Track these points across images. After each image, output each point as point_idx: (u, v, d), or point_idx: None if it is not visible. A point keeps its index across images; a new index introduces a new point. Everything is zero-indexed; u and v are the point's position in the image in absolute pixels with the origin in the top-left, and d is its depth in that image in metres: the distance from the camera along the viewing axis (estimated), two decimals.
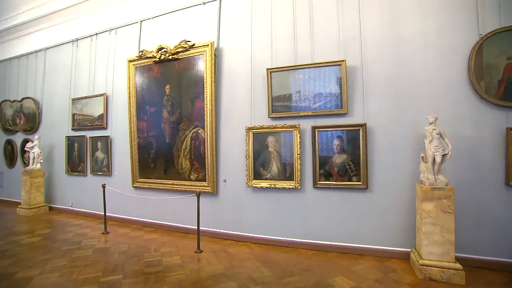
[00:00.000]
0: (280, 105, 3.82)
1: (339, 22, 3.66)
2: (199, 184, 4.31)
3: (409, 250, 3.26)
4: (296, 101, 3.72)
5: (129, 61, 4.87)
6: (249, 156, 3.96)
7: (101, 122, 5.37)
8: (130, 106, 4.88)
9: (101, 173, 5.38)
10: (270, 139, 3.86)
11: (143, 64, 4.76)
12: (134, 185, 4.92)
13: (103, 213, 4.59)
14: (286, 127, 3.75)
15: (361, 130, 3.43)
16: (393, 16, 3.48)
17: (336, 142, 3.56)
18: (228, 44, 4.30)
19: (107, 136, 5.27)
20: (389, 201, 3.42)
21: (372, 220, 3.48)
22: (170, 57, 4.46)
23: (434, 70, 3.30)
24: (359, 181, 3.46)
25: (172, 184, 4.54)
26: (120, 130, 5.15)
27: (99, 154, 5.39)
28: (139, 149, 4.85)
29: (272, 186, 3.84)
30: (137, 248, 3.81)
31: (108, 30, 5.42)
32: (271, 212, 3.93)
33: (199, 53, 4.29)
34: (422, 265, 2.85)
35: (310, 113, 3.65)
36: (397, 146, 3.39)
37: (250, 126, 3.97)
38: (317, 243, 3.67)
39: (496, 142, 3.08)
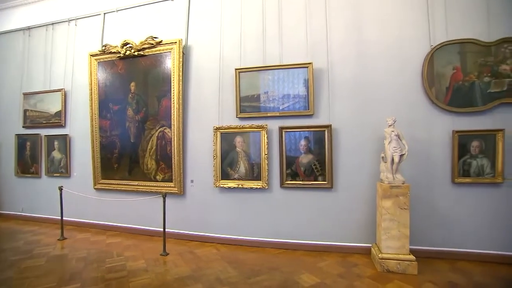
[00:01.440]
0: (248, 105, 3.80)
1: (307, 26, 3.73)
2: (165, 185, 4.15)
3: (370, 245, 3.41)
4: (264, 102, 3.73)
5: (91, 55, 4.55)
6: (216, 156, 3.89)
7: (58, 119, 4.94)
8: (92, 103, 4.55)
9: (58, 175, 4.95)
10: (238, 139, 3.82)
11: (106, 59, 4.47)
12: (96, 187, 4.60)
13: (60, 217, 4.23)
14: (254, 128, 3.74)
15: (326, 131, 3.53)
16: (358, 23, 3.62)
17: (302, 142, 3.62)
18: (197, 42, 4.19)
19: (66, 135, 4.87)
20: (352, 200, 3.55)
21: (337, 218, 3.59)
22: (136, 53, 4.24)
23: (393, 75, 3.50)
24: (324, 180, 3.56)
25: (137, 185, 4.32)
26: (81, 129, 4.78)
27: (56, 154, 4.96)
28: (102, 148, 4.55)
29: (240, 186, 3.81)
30: (98, 253, 3.57)
31: (66, 21, 4.99)
32: (238, 212, 3.90)
33: (166, 50, 4.13)
34: (381, 258, 3.00)
35: (278, 114, 3.68)
36: (359, 147, 3.54)
37: (218, 126, 3.90)
38: (284, 242, 3.71)
39: (444, 144, 3.34)
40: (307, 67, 3.56)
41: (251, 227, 3.84)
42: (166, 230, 3.65)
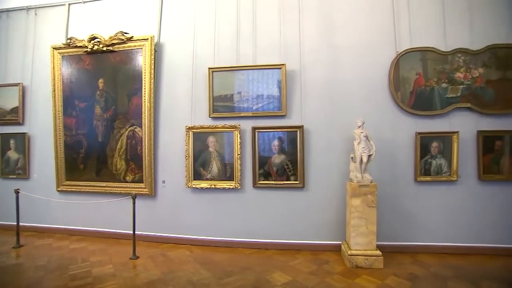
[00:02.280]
0: (221, 105, 3.77)
1: (281, 28, 3.78)
2: (135, 186, 4.00)
3: (341, 242, 3.53)
4: (238, 102, 3.72)
5: (54, 48, 4.25)
6: (189, 156, 3.82)
7: (15, 116, 4.54)
8: (55, 100, 4.25)
9: (14, 176, 4.55)
10: (211, 139, 3.78)
11: (71, 54, 4.20)
12: (59, 189, 4.31)
13: (15, 223, 3.90)
14: (227, 128, 3.73)
15: (298, 131, 3.60)
16: (329, 27, 3.73)
17: (275, 143, 3.67)
18: (170, 40, 4.08)
19: (24, 133, 4.49)
20: (323, 199, 3.65)
21: (308, 217, 3.67)
22: (105, 48, 4.03)
23: (363, 78, 3.65)
24: (296, 180, 3.63)
25: (106, 186, 4.11)
26: (42, 127, 4.45)
27: (12, 154, 4.55)
28: (66, 148, 4.27)
29: (213, 186, 3.77)
30: (60, 260, 3.35)
31: (25, 9, 4.59)
32: (211, 213, 3.86)
33: (137, 47, 3.98)
34: (350, 255, 3.12)
35: (251, 114, 3.69)
36: (330, 147, 3.65)
37: (190, 126, 3.83)
38: (257, 241, 3.73)
39: (408, 145, 3.55)
40: (280, 68, 3.61)
41: (224, 228, 3.82)
42: (136, 232, 3.53)
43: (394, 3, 3.66)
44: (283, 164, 3.65)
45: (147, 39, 3.92)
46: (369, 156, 3.15)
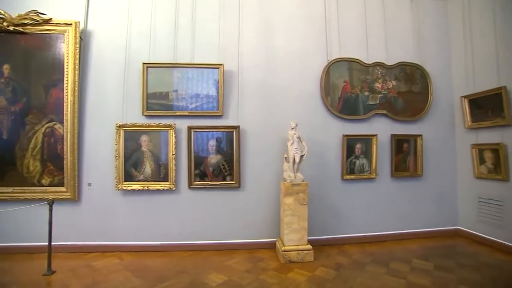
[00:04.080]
0: (155, 102, 3.60)
1: (220, 28, 3.80)
2: (54, 190, 3.54)
3: (275, 240, 3.70)
4: (173, 100, 3.61)
5: None
6: (119, 156, 3.56)
7: None
8: None
9: None
10: (144, 138, 3.59)
11: None
12: None
13: None
14: (161, 126, 3.59)
15: (235, 132, 3.66)
16: (268, 31, 3.89)
17: (211, 143, 3.67)
18: (99, 28, 3.73)
19: None
20: (259, 198, 3.78)
21: (244, 216, 3.76)
22: (12, 28, 3.45)
23: (297, 82, 3.90)
24: (232, 180, 3.68)
25: (13, 192, 3.52)
26: None
27: None
28: None
29: (145, 188, 3.58)
30: None
31: None
32: (144, 216, 3.65)
33: (58, 32, 3.53)
34: (284, 251, 3.28)
35: (187, 113, 3.62)
36: (266, 148, 3.80)
37: (121, 124, 3.57)
38: (193, 243, 3.67)
39: (336, 146, 3.92)
40: (218, 68, 3.62)
41: (158, 231, 3.66)
42: (54, 243, 3.09)
43: (327, 15, 4.01)
44: (219, 164, 3.68)
45: (71, 24, 3.52)
46: (302, 156, 3.38)
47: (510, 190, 3.52)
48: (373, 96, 3.98)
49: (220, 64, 3.63)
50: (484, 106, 3.81)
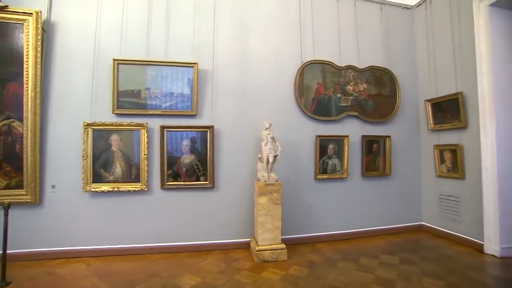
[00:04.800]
0: (127, 101, 3.51)
1: (195, 26, 3.78)
2: (11, 193, 3.30)
3: (249, 239, 3.75)
4: (146, 99, 3.54)
5: None
6: (87, 156, 3.42)
7: None
8: None
9: None
10: (114, 138, 3.48)
11: None
12: None
13: None
14: (133, 126, 3.50)
15: (209, 131, 3.66)
16: (244, 30, 3.95)
17: (185, 142, 3.64)
18: (64, 20, 3.54)
19: None
20: (233, 198, 3.81)
21: (218, 216, 3.77)
22: None
23: (272, 83, 3.99)
24: (206, 180, 3.68)
25: None
26: None
27: None
28: None
29: (116, 189, 3.48)
30: None
31: None
32: (114, 218, 3.54)
33: (16, 21, 3.30)
34: (258, 250, 3.33)
35: (160, 112, 3.56)
36: (240, 147, 3.84)
37: (89, 122, 3.43)
38: (166, 245, 3.62)
39: (310, 146, 4.06)
40: (192, 67, 3.60)
41: (129, 234, 3.56)
42: (10, 251, 2.91)
43: (301, 19, 4.14)
44: (193, 165, 3.66)
45: (31, 13, 3.31)
46: (275, 156, 3.46)
47: (466, 188, 3.86)
48: (345, 98, 4.17)
49: (195, 63, 3.61)
50: (445, 110, 4.14)
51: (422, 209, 4.60)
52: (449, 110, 4.05)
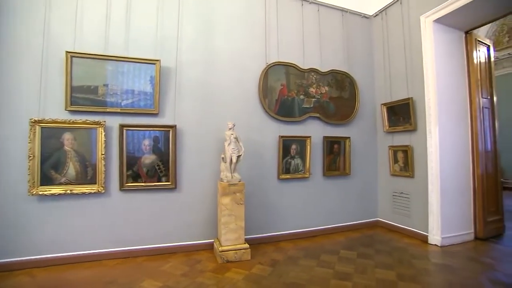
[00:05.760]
0: (82, 97, 3.36)
1: (158, 21, 3.75)
2: None
3: (213, 240, 3.80)
4: (103, 95, 3.42)
5: None
6: (34, 156, 3.19)
7: None
8: None
9: None
10: (67, 136, 3.30)
11: None
12: None
13: None
14: (89, 123, 3.36)
15: (171, 131, 3.65)
16: (209, 29, 4.00)
17: (146, 142, 3.59)
18: (7, 5, 3.29)
19: None
20: (196, 199, 3.84)
21: (181, 218, 3.77)
22: None
23: (236, 83, 4.09)
24: (168, 181, 3.66)
25: None
26: None
27: None
28: None
29: (69, 192, 3.30)
30: None
31: None
32: (66, 223, 3.36)
33: None
34: (221, 251, 3.39)
35: (119, 110, 3.47)
36: (203, 148, 3.88)
37: (37, 119, 3.21)
38: (125, 250, 3.53)
39: (273, 146, 4.23)
40: (154, 64, 3.57)
41: (83, 240, 3.40)
42: None
43: (267, 20, 4.30)
44: (154, 165, 3.63)
45: None
46: (238, 156, 3.56)
47: (415, 185, 4.31)
48: (307, 100, 4.41)
49: (157, 60, 3.58)
50: (398, 113, 4.57)
51: (378, 206, 5.02)
52: (402, 113, 4.48)
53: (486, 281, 2.90)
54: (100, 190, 3.40)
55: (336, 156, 4.65)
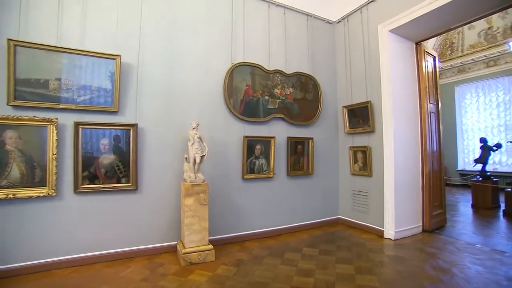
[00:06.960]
0: (30, 91, 3.13)
1: (119, 14, 3.64)
2: None
3: (176, 242, 3.79)
4: (55, 91, 3.23)
5: None
6: None
7: None
8: None
9: None
10: (10, 135, 3.04)
11: None
12: None
13: None
14: (38, 121, 3.14)
15: (132, 130, 3.58)
16: (173, 26, 3.98)
17: (104, 141, 3.47)
18: None
19: None
20: (158, 200, 3.80)
21: (142, 220, 3.71)
22: None
23: (201, 82, 4.12)
24: (128, 182, 3.58)
25: None
26: None
27: None
28: None
29: (11, 196, 3.03)
30: None
31: None
32: (9, 232, 3.09)
33: None
34: (185, 253, 3.40)
35: (74, 107, 3.31)
36: (166, 147, 3.86)
37: None
38: (81, 256, 3.36)
39: (238, 146, 4.34)
40: (114, 59, 3.46)
41: (31, 249, 3.16)
42: None
43: (233, 19, 4.39)
44: (114, 165, 3.52)
45: None
46: (202, 156, 3.59)
47: (373, 184, 4.71)
48: (272, 100, 4.58)
49: (118, 55, 3.47)
50: (358, 115, 4.95)
51: (339, 204, 5.39)
52: (361, 116, 4.86)
53: (429, 268, 3.33)
54: (51, 193, 3.19)
55: (299, 156, 4.89)
